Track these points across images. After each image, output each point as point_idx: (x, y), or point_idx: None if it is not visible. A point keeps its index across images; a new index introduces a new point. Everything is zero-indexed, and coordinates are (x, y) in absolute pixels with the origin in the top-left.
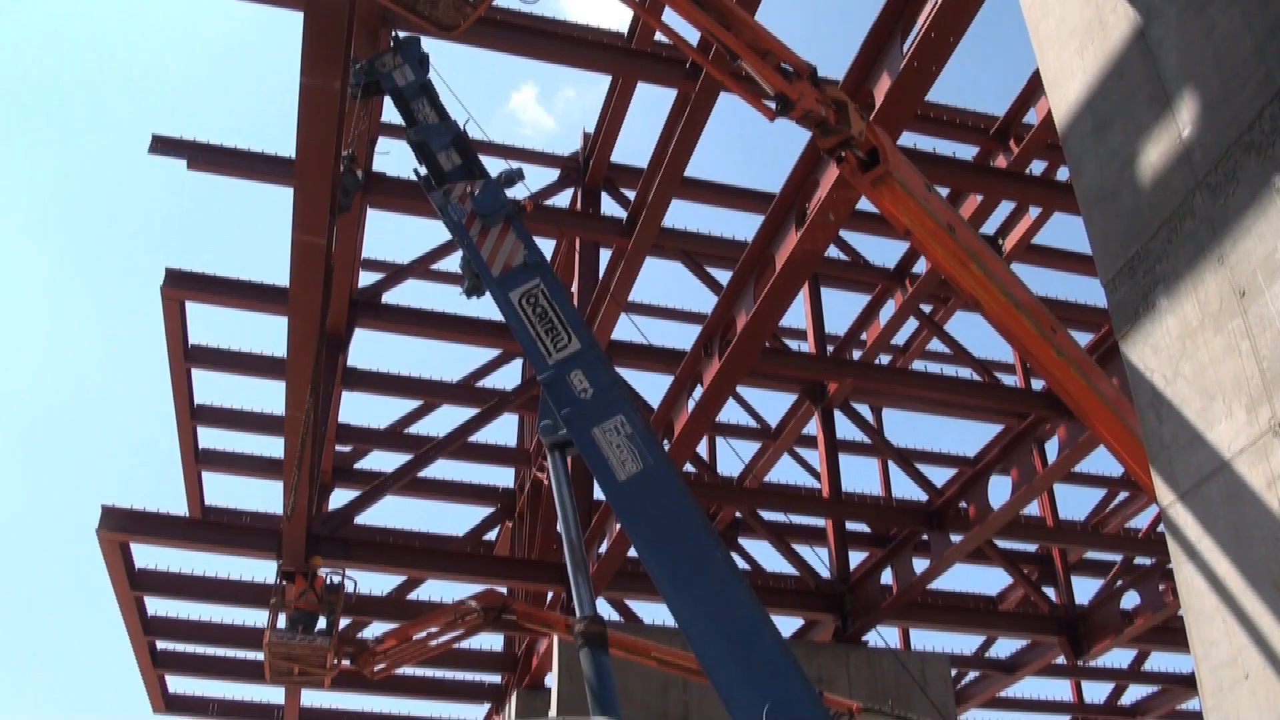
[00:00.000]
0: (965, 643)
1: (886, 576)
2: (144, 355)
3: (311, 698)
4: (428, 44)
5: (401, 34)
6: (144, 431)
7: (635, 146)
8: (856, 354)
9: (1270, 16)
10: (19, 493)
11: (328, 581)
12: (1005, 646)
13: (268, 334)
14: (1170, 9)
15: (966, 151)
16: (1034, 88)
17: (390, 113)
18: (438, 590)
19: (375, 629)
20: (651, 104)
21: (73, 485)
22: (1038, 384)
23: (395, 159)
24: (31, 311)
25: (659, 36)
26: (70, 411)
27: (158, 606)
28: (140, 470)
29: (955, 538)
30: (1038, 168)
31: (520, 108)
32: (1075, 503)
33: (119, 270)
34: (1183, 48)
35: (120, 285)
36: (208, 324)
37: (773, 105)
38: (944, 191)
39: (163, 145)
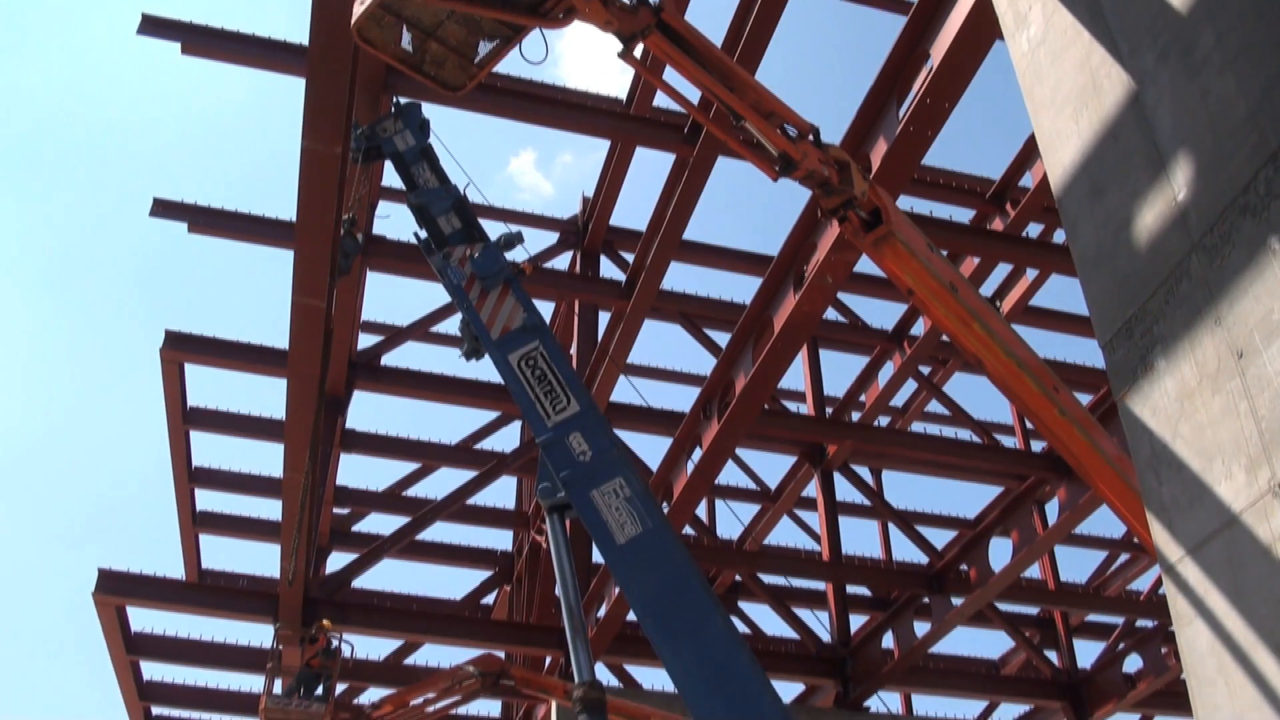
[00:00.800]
0: (968, 708)
1: (888, 640)
2: (141, 416)
3: None
4: (428, 109)
5: (403, 99)
6: (141, 493)
7: (634, 209)
8: (855, 416)
9: (1263, 82)
10: (13, 555)
11: (328, 644)
12: (1008, 711)
13: (266, 395)
14: (1164, 74)
15: (963, 214)
16: (1029, 151)
17: (390, 176)
18: (435, 655)
19: (372, 694)
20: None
21: (68, 547)
22: (1038, 445)
23: (395, 222)
24: (27, 371)
25: (658, 101)
26: (67, 472)
27: (153, 671)
28: (137, 532)
29: (956, 601)
30: (1034, 230)
31: (518, 172)
32: (1076, 565)
33: (118, 331)
34: (1177, 112)
35: (119, 346)
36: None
37: (776, 165)
38: (943, 254)
39: (164, 209)
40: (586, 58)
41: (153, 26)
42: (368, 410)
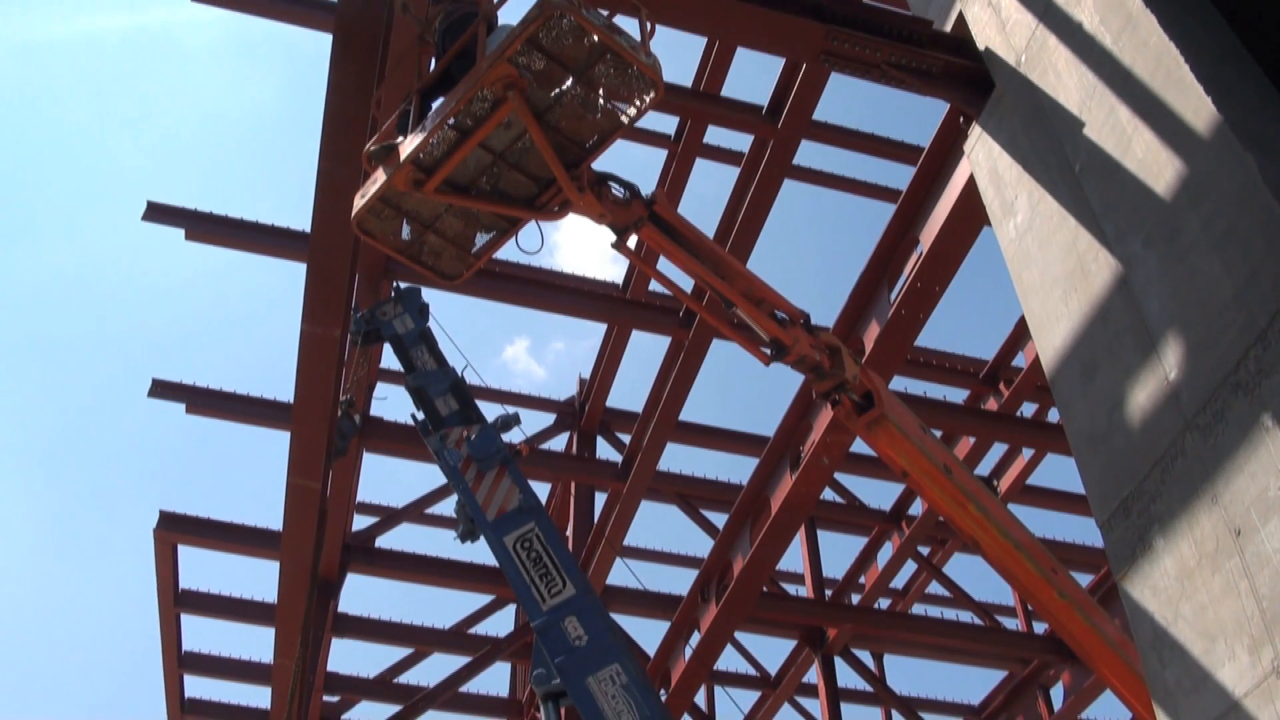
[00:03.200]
0: None
1: None
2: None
3: None
4: (426, 292)
5: (403, 284)
6: (130, 678)
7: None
8: (855, 598)
9: (1250, 263)
10: None
11: None
12: None
13: (259, 577)
14: (1151, 257)
15: (957, 395)
16: (1021, 332)
17: (389, 358)
18: None
19: None
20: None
21: None
22: (1040, 627)
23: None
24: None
25: (654, 285)
26: (52, 654)
27: None
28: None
29: None
30: (1029, 410)
31: (512, 359)
32: None
33: (112, 512)
34: (1166, 294)
35: (113, 527)
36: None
37: (768, 351)
38: (937, 434)
39: (162, 389)
40: (582, 241)
41: (157, 213)
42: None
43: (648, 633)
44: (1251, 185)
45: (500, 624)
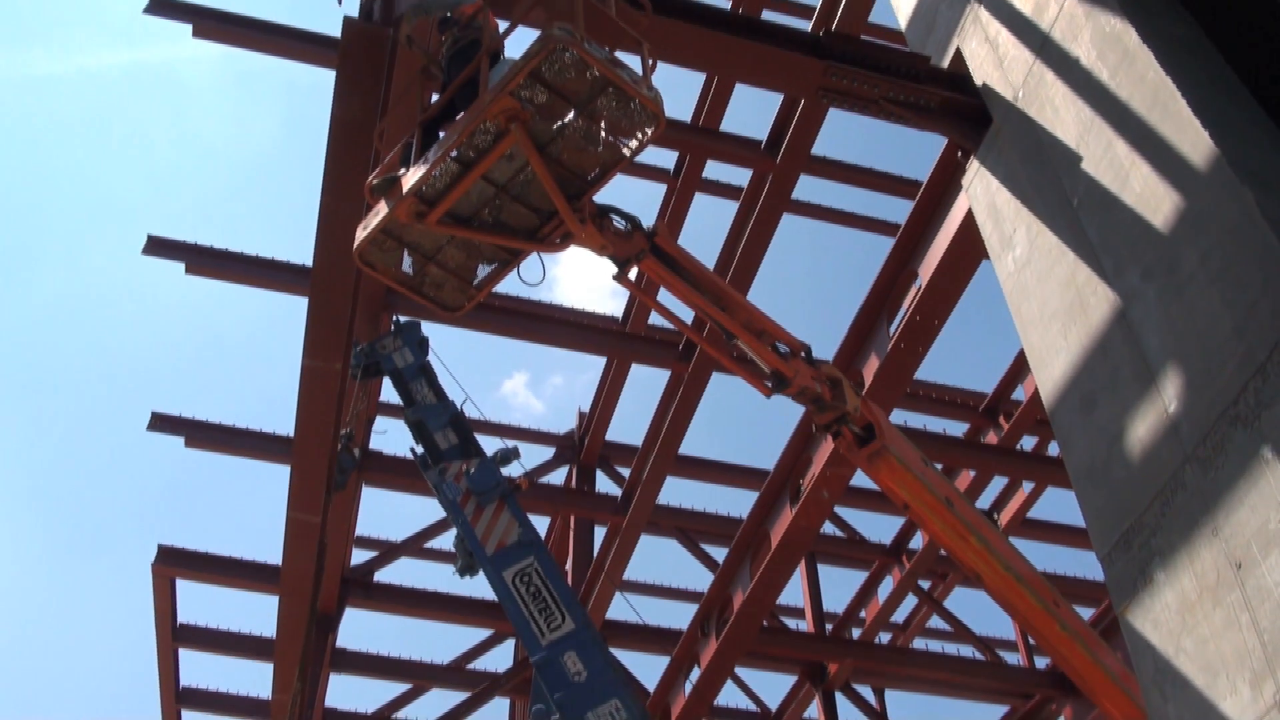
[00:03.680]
0: None
1: None
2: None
3: None
4: (427, 328)
5: (402, 318)
6: (124, 712)
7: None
8: (856, 632)
9: (1248, 298)
10: None
11: None
12: None
13: (257, 612)
14: (1150, 291)
15: (957, 428)
16: (1020, 365)
17: (389, 391)
18: None
19: None
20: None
21: None
22: (1042, 661)
23: (391, 437)
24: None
25: (653, 319)
26: (47, 690)
27: None
28: None
29: None
30: (1029, 443)
31: (511, 393)
32: None
33: (111, 545)
34: (1164, 327)
35: (111, 559)
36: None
37: (769, 383)
38: (938, 468)
39: (161, 423)
40: (581, 276)
41: (158, 247)
42: (358, 627)
43: (647, 668)
44: (1249, 219)
45: (499, 659)
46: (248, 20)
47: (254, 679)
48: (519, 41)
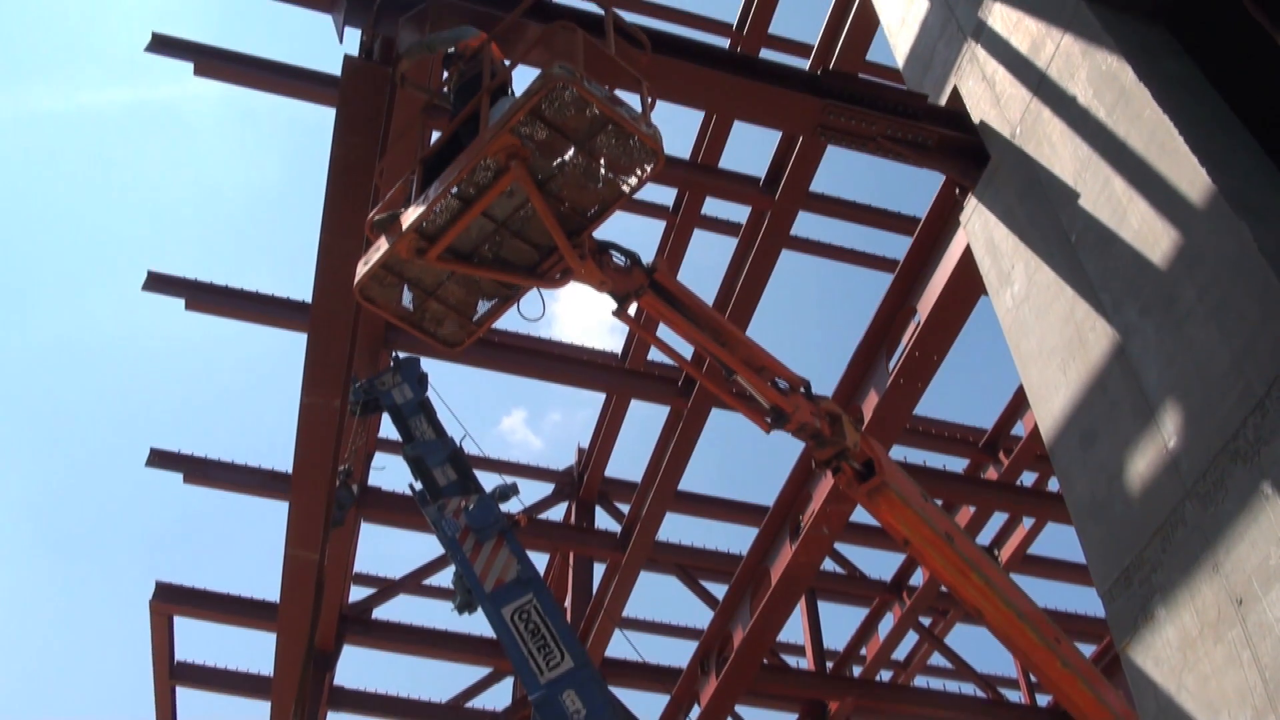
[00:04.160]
0: None
1: None
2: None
3: None
4: (425, 364)
5: (401, 354)
6: None
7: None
8: (857, 670)
9: (1246, 332)
10: None
11: None
12: None
13: (255, 649)
14: (1148, 326)
15: (957, 464)
16: (1020, 400)
17: (388, 428)
18: None
19: None
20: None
21: None
22: (1043, 699)
23: (390, 473)
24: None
25: (653, 354)
26: None
27: None
28: None
29: None
30: (1029, 479)
31: (509, 430)
32: None
33: (108, 582)
34: (1163, 362)
35: (108, 596)
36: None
37: (768, 418)
38: (938, 503)
39: (159, 459)
40: (580, 312)
41: (158, 283)
42: (356, 665)
43: (647, 706)
44: (1246, 254)
45: (498, 697)
46: (249, 59)
47: (252, 717)
48: (520, 79)
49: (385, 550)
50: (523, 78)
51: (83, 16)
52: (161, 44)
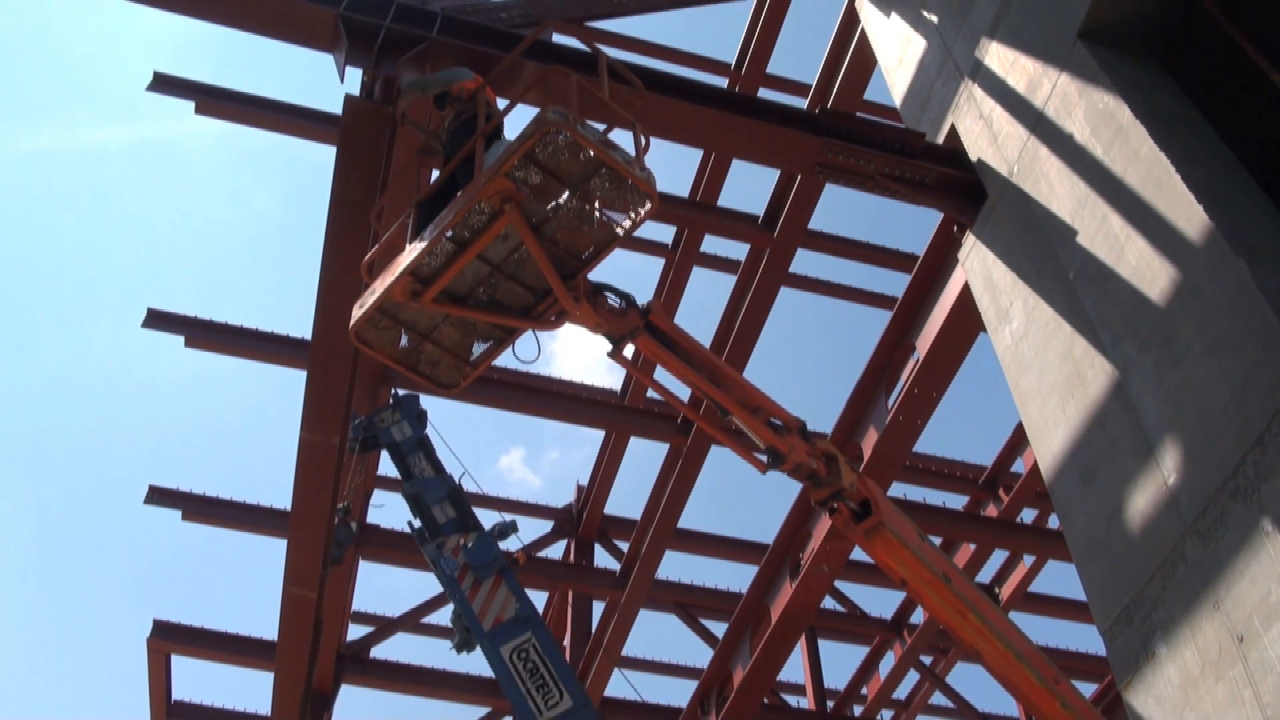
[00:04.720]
0: None
1: None
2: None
3: None
4: (424, 401)
5: (401, 391)
6: None
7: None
8: (858, 710)
9: (1244, 368)
10: None
11: None
12: None
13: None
14: (1147, 362)
15: (956, 501)
16: (1019, 437)
17: (386, 465)
18: None
19: None
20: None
21: None
22: None
23: (388, 511)
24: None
25: (651, 392)
26: None
27: None
28: None
29: None
30: (1028, 516)
31: (508, 469)
32: None
33: (105, 620)
34: (1162, 399)
35: (106, 634)
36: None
37: (764, 459)
38: (936, 541)
39: (158, 496)
40: (580, 349)
41: (157, 320)
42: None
43: None
44: (1244, 290)
45: None
46: (249, 97)
47: None
48: (517, 120)
49: (384, 588)
50: (519, 118)
51: (85, 56)
52: (163, 83)
